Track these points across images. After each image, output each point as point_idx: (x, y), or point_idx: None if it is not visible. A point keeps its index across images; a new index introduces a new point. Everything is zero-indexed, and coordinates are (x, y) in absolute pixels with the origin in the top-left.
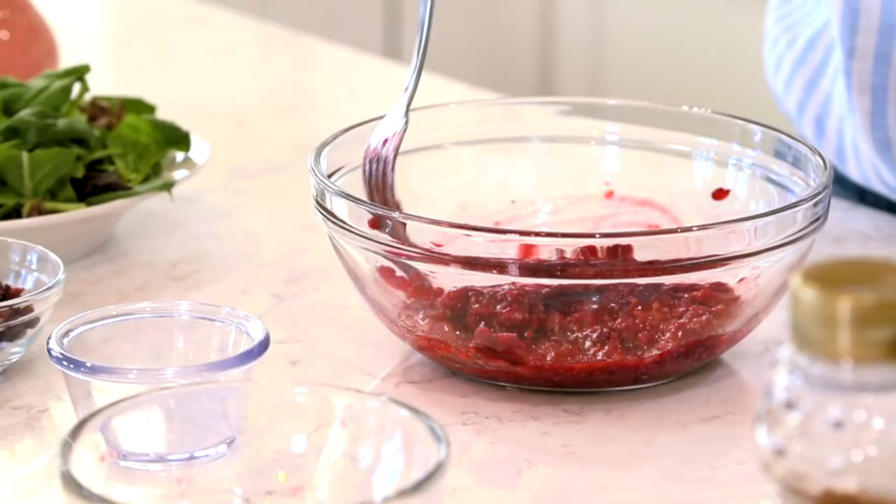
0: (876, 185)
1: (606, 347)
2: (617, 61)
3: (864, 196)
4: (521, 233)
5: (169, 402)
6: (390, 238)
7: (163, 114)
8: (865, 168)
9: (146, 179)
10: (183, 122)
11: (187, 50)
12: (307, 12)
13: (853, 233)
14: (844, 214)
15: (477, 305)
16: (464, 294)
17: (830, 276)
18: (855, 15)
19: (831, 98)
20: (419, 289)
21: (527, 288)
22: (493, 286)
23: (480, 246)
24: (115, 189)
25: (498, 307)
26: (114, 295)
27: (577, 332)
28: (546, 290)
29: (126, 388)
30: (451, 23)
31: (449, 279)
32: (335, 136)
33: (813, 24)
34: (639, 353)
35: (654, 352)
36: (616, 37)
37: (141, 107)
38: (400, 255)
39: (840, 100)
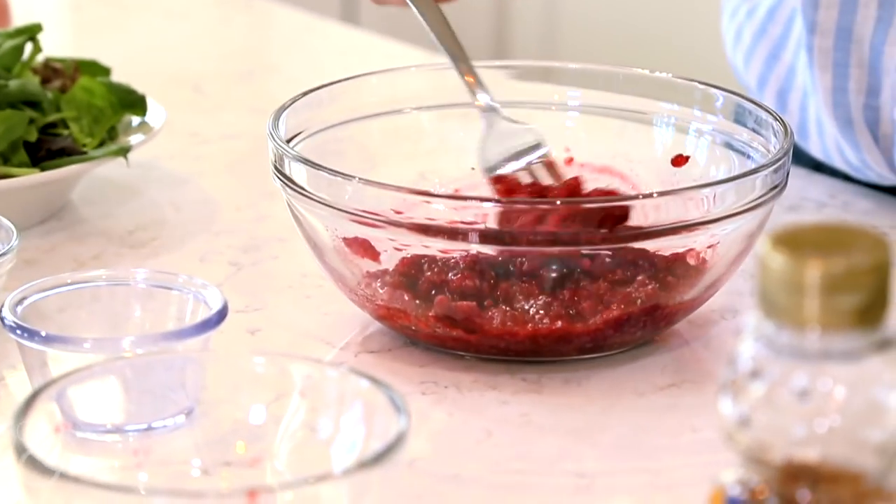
0: (837, 163)
1: (552, 314)
2: (571, 26)
3: (821, 168)
4: (481, 199)
5: (126, 371)
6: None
7: (117, 77)
8: (828, 145)
9: (101, 144)
10: (138, 86)
11: (142, 12)
12: None
13: (808, 200)
14: (799, 182)
15: (429, 273)
16: (417, 261)
17: (799, 242)
18: None
19: (794, 71)
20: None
21: (480, 255)
22: (446, 253)
23: (440, 213)
24: (70, 154)
25: (450, 275)
26: (69, 262)
27: (530, 299)
28: (500, 257)
29: (82, 357)
30: None
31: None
32: (293, 101)
33: None
34: (588, 320)
35: (606, 326)
36: (569, 4)
37: (95, 69)
38: (359, 221)
39: (803, 73)
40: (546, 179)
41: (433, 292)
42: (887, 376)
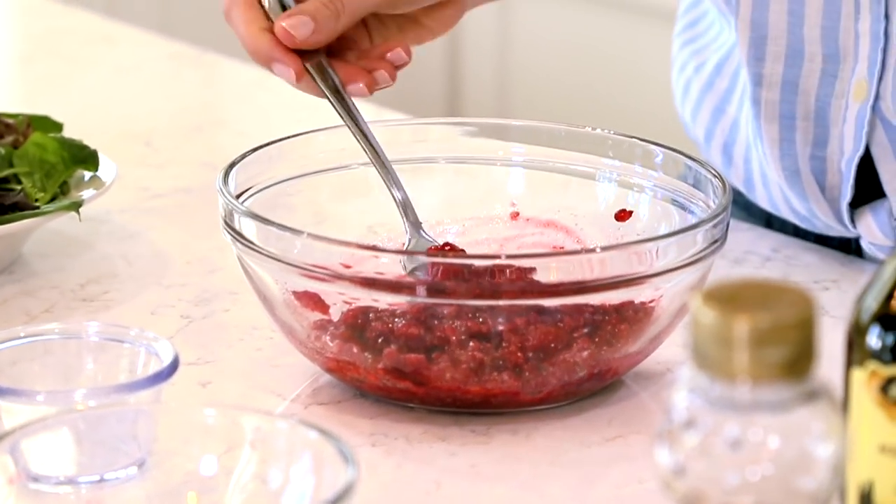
0: (785, 213)
1: (499, 369)
2: (523, 84)
3: (771, 223)
4: (429, 254)
5: (78, 423)
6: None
7: (69, 132)
8: (774, 195)
9: (53, 199)
10: (90, 141)
11: (94, 67)
12: (214, 30)
13: (752, 254)
14: (743, 235)
15: (376, 322)
16: (364, 311)
17: (729, 297)
18: (762, 42)
19: (738, 124)
20: None
21: (427, 306)
22: (394, 306)
23: (389, 267)
24: (22, 209)
25: (396, 322)
26: (21, 316)
27: (479, 354)
28: (447, 309)
29: (35, 409)
30: None
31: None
32: (243, 156)
33: (720, 49)
34: (537, 377)
35: (553, 378)
36: (522, 60)
37: (48, 124)
38: (308, 275)
39: (747, 126)
40: None
41: (380, 341)
42: (815, 426)
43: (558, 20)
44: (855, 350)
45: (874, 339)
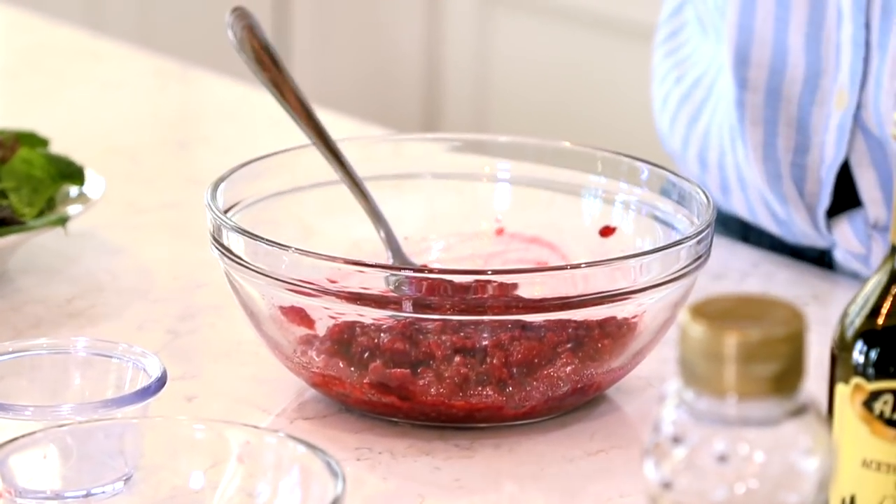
0: (762, 218)
1: (484, 384)
2: (502, 100)
3: (747, 236)
4: (415, 269)
5: (66, 438)
6: (284, 274)
7: (55, 147)
8: (753, 200)
9: (40, 214)
10: (76, 156)
11: (79, 83)
12: (198, 46)
13: (732, 270)
14: (724, 251)
15: (362, 337)
16: (350, 326)
17: (718, 312)
18: (748, 46)
19: (710, 131)
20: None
21: (412, 322)
22: (380, 321)
23: (374, 282)
24: (9, 223)
25: (382, 337)
26: (8, 331)
27: (464, 369)
28: (431, 324)
29: (22, 424)
30: (339, 61)
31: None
32: (231, 172)
33: (701, 62)
34: (521, 391)
35: (536, 393)
36: (501, 76)
37: (34, 140)
38: (295, 290)
39: (719, 133)
40: None
41: (366, 356)
42: (802, 442)
43: (537, 37)
44: (839, 365)
45: (858, 354)
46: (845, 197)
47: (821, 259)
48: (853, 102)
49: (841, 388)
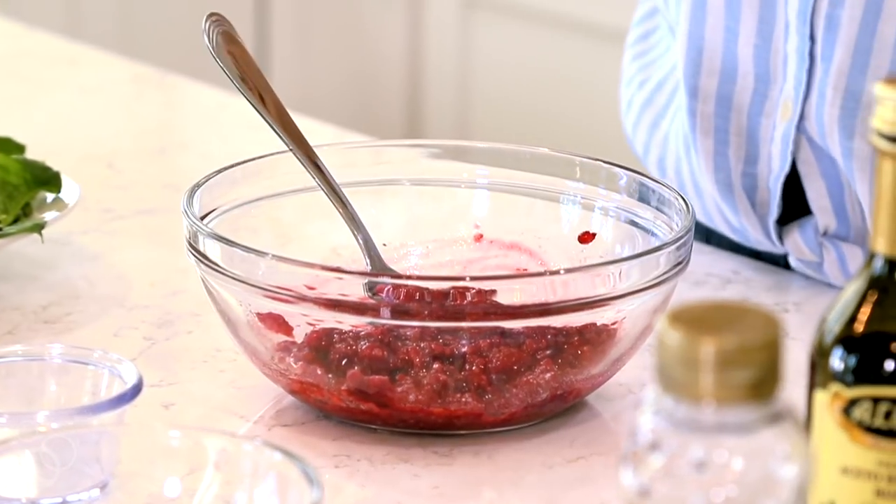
0: (720, 225)
1: (462, 391)
2: (483, 106)
3: (709, 239)
4: (394, 275)
5: (41, 446)
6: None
7: (31, 154)
8: (709, 208)
9: (16, 220)
10: (52, 163)
11: (56, 89)
12: (175, 52)
13: (713, 276)
14: (704, 258)
15: (339, 344)
16: (328, 333)
17: (695, 319)
18: (699, 55)
19: (668, 138)
20: None
21: (390, 328)
22: (358, 328)
23: (353, 289)
24: None
25: (360, 344)
26: None
27: (442, 376)
28: (410, 331)
29: None
30: (320, 66)
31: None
32: (207, 178)
33: (664, 66)
34: (500, 398)
35: (516, 400)
36: (483, 82)
37: (10, 146)
38: (273, 297)
39: (676, 140)
40: None
41: (344, 363)
42: (779, 448)
43: (519, 42)
44: (818, 372)
45: (837, 361)
46: (797, 206)
47: (785, 261)
48: (797, 113)
49: (820, 395)
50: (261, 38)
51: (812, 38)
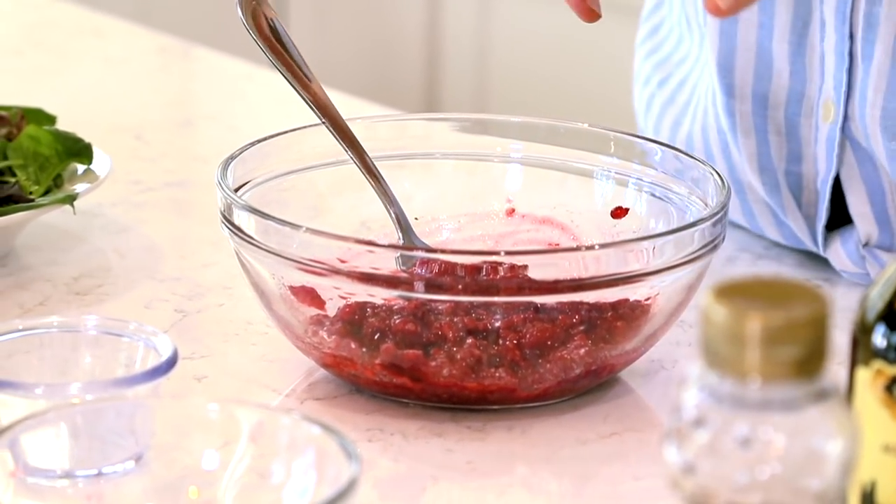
0: (762, 220)
1: (496, 366)
2: (503, 79)
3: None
4: (426, 250)
5: (76, 417)
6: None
7: (60, 125)
8: (752, 205)
9: (47, 192)
10: (81, 134)
11: (82, 60)
12: (196, 24)
13: (745, 252)
14: (736, 233)
15: (373, 318)
16: (361, 307)
17: (740, 295)
18: (731, 53)
19: (693, 136)
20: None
21: (423, 303)
22: (390, 302)
23: (385, 262)
24: (17, 201)
25: (393, 319)
26: (15, 308)
27: (476, 351)
28: (443, 305)
29: (32, 403)
30: (338, 38)
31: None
32: (241, 151)
33: (683, 63)
34: (534, 373)
35: (549, 375)
36: (502, 55)
37: (41, 117)
38: (306, 270)
39: (698, 139)
40: None
41: (377, 337)
42: (824, 426)
43: (538, 16)
44: (860, 349)
45: (879, 337)
46: (845, 212)
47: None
48: (840, 115)
49: (861, 372)
50: (279, 9)
51: (851, 37)
